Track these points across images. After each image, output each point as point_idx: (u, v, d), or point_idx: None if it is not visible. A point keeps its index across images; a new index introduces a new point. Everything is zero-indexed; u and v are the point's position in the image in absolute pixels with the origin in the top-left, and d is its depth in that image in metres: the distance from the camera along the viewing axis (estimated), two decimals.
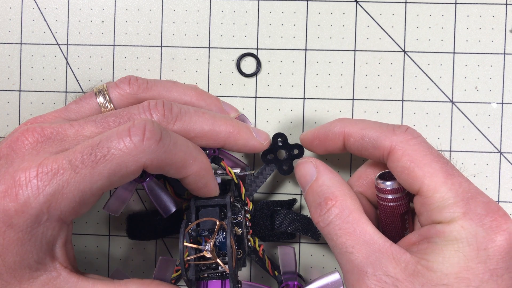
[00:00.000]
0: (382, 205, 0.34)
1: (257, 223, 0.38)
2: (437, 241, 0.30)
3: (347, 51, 0.41)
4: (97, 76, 0.41)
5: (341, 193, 0.32)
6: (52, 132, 0.31)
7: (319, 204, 0.32)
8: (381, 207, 0.34)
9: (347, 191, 0.32)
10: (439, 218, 0.30)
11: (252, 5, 0.41)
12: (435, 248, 0.29)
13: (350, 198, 0.32)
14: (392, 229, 0.35)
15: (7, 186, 0.28)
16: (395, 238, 0.33)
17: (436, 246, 0.29)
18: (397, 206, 0.33)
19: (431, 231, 0.30)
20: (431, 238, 0.30)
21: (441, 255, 0.29)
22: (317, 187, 0.33)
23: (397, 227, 0.34)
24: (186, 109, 0.34)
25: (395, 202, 0.33)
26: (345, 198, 0.32)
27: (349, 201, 0.31)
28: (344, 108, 0.41)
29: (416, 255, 0.29)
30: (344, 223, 0.31)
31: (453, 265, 0.28)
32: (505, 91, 0.40)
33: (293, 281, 0.36)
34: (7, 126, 0.41)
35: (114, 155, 0.29)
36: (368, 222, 0.31)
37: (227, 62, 0.41)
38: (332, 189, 0.32)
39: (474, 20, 0.40)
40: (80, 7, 0.41)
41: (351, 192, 0.32)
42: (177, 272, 0.36)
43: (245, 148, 0.36)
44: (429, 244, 0.30)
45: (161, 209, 0.36)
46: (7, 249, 0.29)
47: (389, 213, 0.34)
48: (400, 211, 0.34)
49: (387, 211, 0.34)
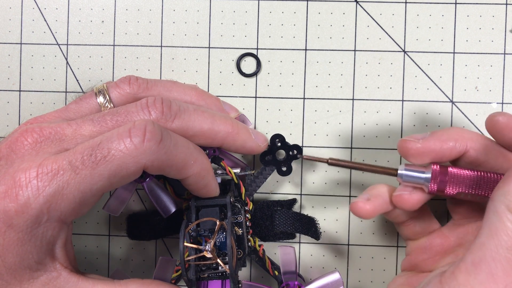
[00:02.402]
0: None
1: (257, 223, 0.38)
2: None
3: (347, 51, 0.41)
4: (97, 76, 0.41)
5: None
6: (51, 132, 0.31)
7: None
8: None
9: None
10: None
11: (252, 5, 0.41)
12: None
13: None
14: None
15: (7, 186, 0.28)
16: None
17: None
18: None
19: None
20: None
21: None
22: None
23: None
24: (185, 107, 0.34)
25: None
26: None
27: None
28: (344, 108, 0.41)
29: None
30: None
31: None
32: (505, 91, 0.40)
33: (293, 281, 0.36)
34: (7, 126, 0.41)
35: (115, 156, 0.29)
36: None
37: (227, 62, 0.41)
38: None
39: (474, 20, 0.40)
40: (80, 7, 0.41)
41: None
42: (177, 272, 0.36)
43: (243, 149, 0.36)
44: None
45: (161, 209, 0.36)
46: (7, 250, 0.29)
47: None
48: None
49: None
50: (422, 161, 0.33)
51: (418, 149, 0.33)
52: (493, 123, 0.33)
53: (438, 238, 0.36)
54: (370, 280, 0.41)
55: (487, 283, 0.26)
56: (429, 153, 0.33)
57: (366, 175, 0.40)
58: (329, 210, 0.41)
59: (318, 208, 0.41)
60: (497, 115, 0.32)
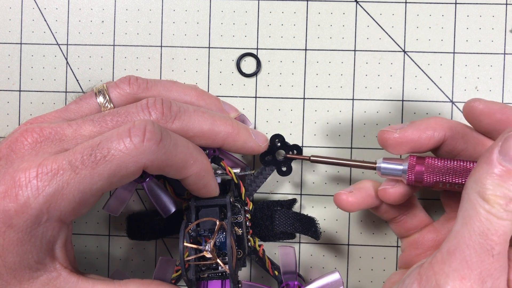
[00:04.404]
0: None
1: (257, 223, 0.38)
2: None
3: (347, 51, 0.41)
4: (97, 76, 0.41)
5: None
6: (51, 132, 0.31)
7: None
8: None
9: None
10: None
11: (252, 5, 0.41)
12: None
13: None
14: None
15: (7, 186, 0.28)
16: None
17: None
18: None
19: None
20: None
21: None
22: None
23: None
24: (185, 108, 0.34)
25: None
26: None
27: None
28: (344, 108, 0.41)
29: None
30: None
31: None
32: (505, 91, 0.40)
33: (293, 281, 0.36)
34: (7, 126, 0.41)
35: (114, 156, 0.29)
36: None
37: (227, 62, 0.41)
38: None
39: (474, 20, 0.40)
40: (80, 7, 0.41)
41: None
42: (177, 272, 0.36)
43: (243, 150, 0.36)
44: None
45: (161, 209, 0.36)
46: (7, 250, 0.29)
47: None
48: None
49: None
50: (401, 151, 0.33)
51: (395, 139, 0.33)
52: (470, 110, 0.32)
53: (430, 233, 0.36)
54: (370, 280, 0.41)
55: (461, 270, 0.27)
56: (407, 143, 0.33)
57: (366, 175, 0.40)
58: (329, 210, 0.41)
59: (318, 208, 0.41)
60: (474, 101, 0.32)
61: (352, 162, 0.36)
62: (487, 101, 0.32)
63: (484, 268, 0.26)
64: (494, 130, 0.32)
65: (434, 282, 0.27)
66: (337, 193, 0.35)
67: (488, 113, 0.32)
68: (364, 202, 0.35)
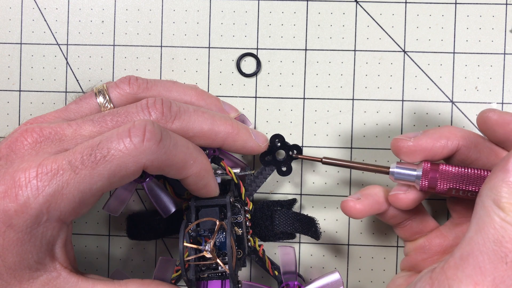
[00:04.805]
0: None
1: (257, 223, 0.38)
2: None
3: (347, 51, 0.41)
4: (97, 76, 0.41)
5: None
6: (51, 132, 0.31)
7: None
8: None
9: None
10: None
11: (252, 5, 0.41)
12: None
13: None
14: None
15: (7, 186, 0.28)
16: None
17: None
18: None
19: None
20: None
21: None
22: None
23: None
24: (185, 108, 0.34)
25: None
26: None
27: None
28: (344, 108, 0.41)
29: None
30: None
31: None
32: (505, 91, 0.40)
33: (293, 281, 0.36)
34: (7, 126, 0.41)
35: (114, 156, 0.29)
36: None
37: (227, 62, 0.41)
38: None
39: (474, 20, 0.40)
40: (80, 7, 0.41)
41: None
42: (177, 272, 0.36)
43: (243, 150, 0.36)
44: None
45: (161, 209, 0.36)
46: (7, 250, 0.29)
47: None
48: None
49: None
50: (414, 159, 0.33)
51: (409, 147, 0.33)
52: (484, 120, 0.33)
53: (437, 238, 0.36)
54: (370, 280, 0.41)
55: (474, 276, 0.27)
56: (421, 152, 0.33)
57: (366, 176, 0.40)
58: (329, 210, 0.41)
59: (318, 208, 0.41)
60: (488, 112, 0.32)
61: (365, 166, 0.35)
62: (501, 111, 0.32)
63: (497, 275, 0.26)
64: (507, 140, 0.32)
65: (447, 286, 0.27)
66: (344, 200, 0.35)
67: (502, 123, 0.32)
68: (372, 208, 0.35)
